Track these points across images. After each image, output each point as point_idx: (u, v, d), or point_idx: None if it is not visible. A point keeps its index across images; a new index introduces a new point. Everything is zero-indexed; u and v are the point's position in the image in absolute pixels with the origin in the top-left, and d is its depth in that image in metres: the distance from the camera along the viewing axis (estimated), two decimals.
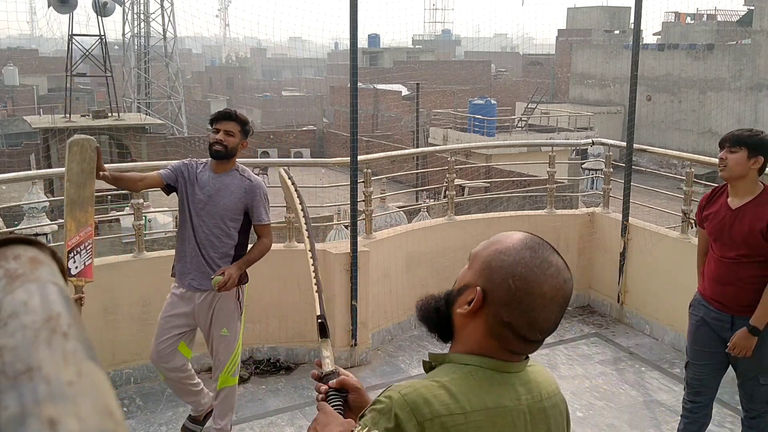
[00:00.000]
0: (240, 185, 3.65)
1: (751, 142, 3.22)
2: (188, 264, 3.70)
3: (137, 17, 35.30)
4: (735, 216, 3.27)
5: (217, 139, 3.60)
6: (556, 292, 1.29)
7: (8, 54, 51.59)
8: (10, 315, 0.50)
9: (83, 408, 0.42)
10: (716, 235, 3.35)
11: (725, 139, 3.29)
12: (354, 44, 4.63)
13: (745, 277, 3.27)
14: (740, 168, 3.22)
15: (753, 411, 3.45)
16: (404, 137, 32.14)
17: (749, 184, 3.26)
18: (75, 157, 3.19)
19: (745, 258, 3.25)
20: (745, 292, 3.28)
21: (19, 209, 6.95)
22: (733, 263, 3.29)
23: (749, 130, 3.33)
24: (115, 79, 25.72)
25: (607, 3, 47.59)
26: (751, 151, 3.21)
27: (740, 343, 3.26)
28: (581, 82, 38.16)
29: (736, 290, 3.30)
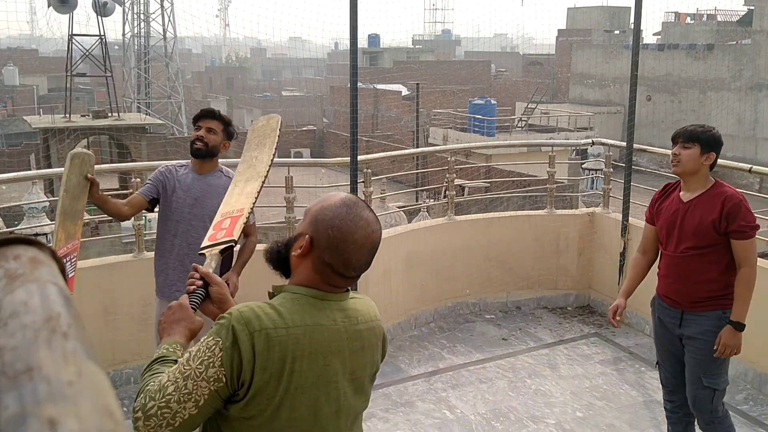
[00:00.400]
0: (226, 186, 3.61)
1: (704, 138, 3.26)
2: (171, 275, 3.63)
3: (137, 17, 35.29)
4: (687, 208, 3.29)
5: (198, 135, 3.56)
6: (366, 240, 1.66)
7: (8, 54, 51.59)
8: (10, 315, 0.50)
9: (83, 408, 0.42)
10: (668, 229, 3.37)
11: (678, 134, 3.34)
12: (354, 44, 4.63)
13: (694, 271, 3.27)
14: (693, 163, 3.26)
15: (700, 419, 3.41)
16: (404, 137, 32.14)
17: (701, 179, 3.30)
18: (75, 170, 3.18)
19: (693, 250, 3.26)
20: (693, 287, 3.28)
21: (19, 209, 6.95)
22: (682, 258, 3.30)
23: (701, 126, 3.37)
24: (115, 79, 25.70)
25: (607, 3, 47.59)
26: (703, 147, 3.26)
27: (729, 343, 3.24)
28: (581, 82, 38.16)
29: (685, 285, 3.31)
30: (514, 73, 53.65)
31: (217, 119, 3.62)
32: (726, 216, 3.18)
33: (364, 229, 1.66)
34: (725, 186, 3.29)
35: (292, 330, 1.59)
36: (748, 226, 3.20)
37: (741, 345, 3.27)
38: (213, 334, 1.59)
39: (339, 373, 1.67)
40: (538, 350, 5.40)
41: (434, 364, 5.14)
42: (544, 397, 4.66)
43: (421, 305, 5.76)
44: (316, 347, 1.62)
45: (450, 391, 4.72)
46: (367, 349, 1.73)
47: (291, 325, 1.60)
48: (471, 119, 28.65)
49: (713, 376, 3.32)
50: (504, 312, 6.09)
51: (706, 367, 3.31)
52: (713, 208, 3.21)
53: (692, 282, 3.28)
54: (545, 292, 6.19)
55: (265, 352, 1.56)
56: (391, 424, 4.31)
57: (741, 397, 4.69)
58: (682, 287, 3.32)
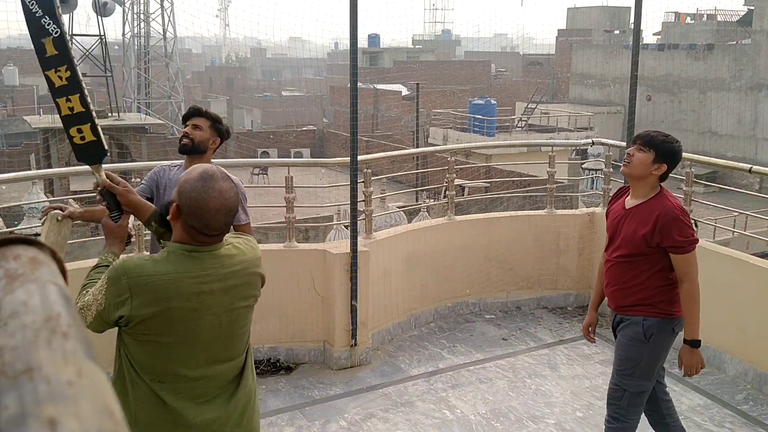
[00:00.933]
0: None
1: (661, 147, 3.19)
2: None
3: (137, 17, 35.29)
4: (626, 216, 3.26)
5: (184, 131, 3.56)
6: (220, 207, 2.04)
7: (8, 54, 51.59)
8: (10, 315, 0.50)
9: (83, 408, 0.42)
10: (610, 233, 3.38)
11: (639, 136, 3.28)
12: (354, 44, 4.63)
13: (624, 276, 3.27)
14: (642, 168, 3.20)
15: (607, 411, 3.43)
16: (404, 137, 32.14)
17: (647, 187, 3.23)
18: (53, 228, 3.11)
19: (624, 258, 3.26)
20: (622, 292, 3.29)
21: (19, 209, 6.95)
22: (615, 263, 3.31)
23: (665, 135, 3.28)
24: (115, 79, 25.70)
25: (607, 3, 47.58)
26: (658, 156, 3.18)
27: (689, 363, 3.24)
28: (581, 82, 38.15)
29: (616, 289, 3.33)
30: (514, 73, 53.65)
31: (204, 116, 3.61)
32: (659, 231, 3.12)
33: (217, 198, 2.03)
34: (667, 198, 3.20)
35: (164, 277, 2.03)
36: (685, 241, 3.13)
37: (703, 360, 3.25)
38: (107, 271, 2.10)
39: (214, 306, 2.09)
40: (538, 350, 5.40)
41: (434, 364, 5.14)
42: (544, 397, 4.66)
43: (421, 305, 5.76)
44: (188, 289, 2.05)
45: (450, 391, 4.72)
46: (242, 286, 2.15)
47: (163, 272, 2.03)
48: (471, 119, 28.65)
49: (624, 376, 3.33)
50: (504, 312, 6.09)
51: (619, 365, 3.35)
52: (648, 221, 3.16)
53: (622, 287, 3.29)
54: (545, 292, 6.19)
55: (140, 294, 2.02)
56: (391, 424, 4.31)
57: (741, 397, 4.69)
58: (614, 291, 3.34)
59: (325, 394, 4.69)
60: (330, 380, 4.87)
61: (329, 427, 4.28)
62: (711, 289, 5.18)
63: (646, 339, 3.24)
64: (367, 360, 5.11)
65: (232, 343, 2.18)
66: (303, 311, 5.09)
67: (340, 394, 4.69)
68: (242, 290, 2.15)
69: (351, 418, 4.37)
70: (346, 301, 4.96)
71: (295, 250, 5.11)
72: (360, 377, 4.93)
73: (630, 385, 3.30)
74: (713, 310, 5.14)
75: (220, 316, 2.10)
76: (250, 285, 2.19)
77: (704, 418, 4.40)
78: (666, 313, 3.23)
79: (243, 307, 2.17)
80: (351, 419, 4.35)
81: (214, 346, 2.13)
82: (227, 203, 2.05)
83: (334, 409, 4.49)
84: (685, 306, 3.18)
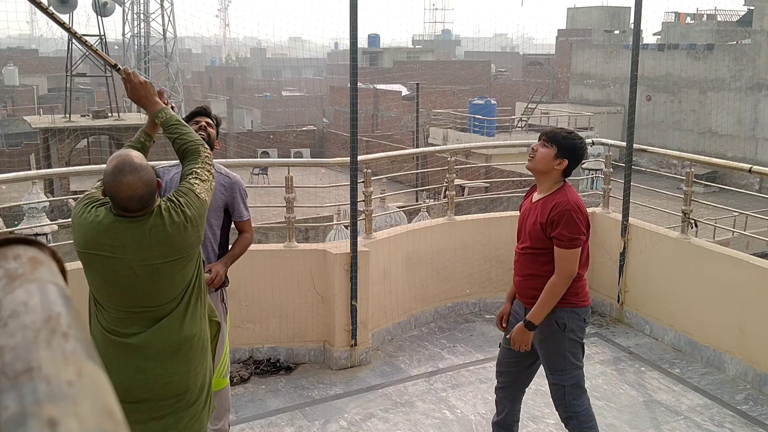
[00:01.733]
0: (219, 182, 3.63)
1: (563, 143, 3.33)
2: None
3: (137, 17, 35.29)
4: (532, 209, 3.41)
5: (202, 125, 3.58)
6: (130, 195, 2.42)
7: (8, 54, 51.56)
8: (10, 315, 0.50)
9: (83, 408, 0.42)
10: (519, 227, 3.52)
11: (545, 132, 3.44)
12: (354, 44, 4.63)
13: (528, 269, 3.41)
14: (544, 163, 3.33)
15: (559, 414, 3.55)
16: (404, 137, 32.13)
17: (550, 182, 3.36)
18: None
19: (529, 250, 3.39)
20: (530, 284, 3.40)
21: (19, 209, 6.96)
22: (521, 255, 3.46)
23: (569, 132, 3.42)
24: (115, 79, 25.67)
25: (607, 3, 47.58)
26: (560, 151, 3.31)
27: (516, 338, 3.38)
28: (581, 82, 38.14)
29: (524, 282, 3.44)
30: (514, 73, 53.63)
31: (211, 117, 3.66)
32: (551, 222, 3.26)
33: (125, 191, 2.41)
34: (566, 194, 3.32)
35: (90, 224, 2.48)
36: (567, 236, 3.24)
37: (529, 341, 3.38)
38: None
39: (126, 259, 2.47)
40: None
41: (434, 364, 5.13)
42: (544, 397, 4.65)
43: (421, 305, 5.76)
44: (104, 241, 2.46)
45: (450, 391, 4.72)
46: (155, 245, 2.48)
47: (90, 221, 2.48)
48: (471, 119, 28.65)
49: (556, 372, 3.44)
50: None
51: (548, 363, 3.46)
52: (545, 212, 3.29)
53: (527, 279, 3.42)
54: None
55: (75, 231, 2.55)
56: (391, 424, 4.31)
57: (741, 397, 4.69)
58: (521, 281, 3.48)
59: (325, 394, 4.69)
60: (330, 380, 4.87)
61: (329, 427, 4.28)
62: (711, 289, 5.18)
63: (561, 329, 3.36)
64: (367, 360, 5.11)
65: (156, 290, 2.53)
66: (303, 311, 5.09)
67: (340, 394, 4.69)
68: (156, 249, 2.48)
69: (351, 418, 4.37)
70: (346, 301, 4.96)
71: (295, 250, 5.11)
72: (360, 377, 4.92)
73: (566, 380, 3.44)
74: (713, 310, 5.14)
75: (134, 269, 2.47)
76: (166, 245, 2.49)
77: (704, 418, 4.40)
78: (573, 303, 3.36)
79: (162, 263, 2.50)
80: (351, 419, 4.35)
81: (132, 290, 2.51)
82: (135, 193, 2.42)
83: (334, 409, 4.49)
84: (544, 292, 3.30)
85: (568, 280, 3.29)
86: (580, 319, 3.40)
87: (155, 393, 2.58)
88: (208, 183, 2.69)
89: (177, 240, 2.51)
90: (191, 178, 2.65)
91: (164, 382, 2.59)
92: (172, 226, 2.49)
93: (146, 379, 2.56)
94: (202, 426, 2.75)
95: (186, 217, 2.53)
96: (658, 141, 30.62)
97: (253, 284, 4.96)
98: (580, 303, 3.38)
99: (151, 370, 2.56)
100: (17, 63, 47.09)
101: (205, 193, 2.64)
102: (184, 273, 2.58)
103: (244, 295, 4.93)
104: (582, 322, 3.42)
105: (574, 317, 3.37)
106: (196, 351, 2.66)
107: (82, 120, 24.48)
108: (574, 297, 3.36)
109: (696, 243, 5.42)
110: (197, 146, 2.74)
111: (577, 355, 3.44)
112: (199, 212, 2.58)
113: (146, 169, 2.46)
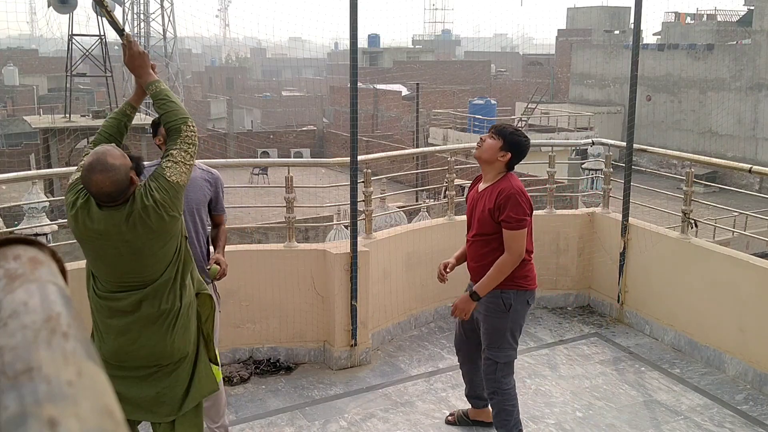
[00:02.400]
0: (202, 177, 3.67)
1: (508, 137, 3.64)
2: None
3: (137, 17, 35.30)
4: (478, 198, 3.70)
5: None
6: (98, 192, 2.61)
7: (8, 54, 51.54)
8: (10, 315, 0.50)
9: (83, 408, 0.42)
10: (468, 215, 3.82)
11: (494, 125, 3.77)
12: (354, 44, 4.63)
13: (480, 254, 3.69)
14: (489, 153, 3.64)
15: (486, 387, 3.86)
16: (404, 137, 32.14)
17: (494, 172, 3.66)
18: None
19: (479, 236, 3.68)
20: (479, 268, 3.69)
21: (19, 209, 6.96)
22: (472, 242, 3.74)
23: (515, 129, 3.77)
24: (115, 79, 25.70)
25: (607, 3, 47.58)
26: (505, 144, 3.63)
27: (459, 305, 3.68)
28: (581, 82, 38.14)
29: (479, 266, 3.71)
30: (514, 73, 53.63)
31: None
32: (498, 207, 3.55)
33: (94, 187, 2.60)
34: (510, 181, 3.62)
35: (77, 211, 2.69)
36: (514, 218, 3.53)
37: (469, 311, 3.68)
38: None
39: (111, 240, 2.68)
40: (538, 350, 5.40)
41: (434, 364, 5.13)
42: (544, 397, 4.66)
43: (421, 305, 5.76)
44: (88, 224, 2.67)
45: (450, 391, 4.72)
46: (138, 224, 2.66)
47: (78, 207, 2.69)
48: (471, 119, 28.65)
49: (493, 349, 3.74)
50: None
51: (487, 340, 3.76)
52: (492, 199, 3.59)
53: (478, 263, 3.71)
54: (545, 292, 6.19)
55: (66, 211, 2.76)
56: (391, 424, 4.31)
57: (741, 397, 4.69)
58: (474, 267, 3.76)
59: (325, 394, 4.69)
60: (330, 380, 4.87)
61: (329, 427, 4.28)
62: (711, 289, 5.18)
63: (506, 309, 3.65)
64: (367, 360, 5.11)
65: (140, 267, 2.75)
66: (303, 311, 5.09)
67: (340, 394, 4.69)
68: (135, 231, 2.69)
69: (351, 418, 4.37)
70: (346, 301, 4.96)
71: (295, 250, 5.11)
72: (360, 377, 4.92)
73: (500, 357, 3.74)
74: (713, 310, 5.14)
75: (119, 248, 2.70)
76: (144, 226, 2.68)
77: (704, 418, 4.40)
78: (521, 286, 3.65)
79: (143, 243, 2.71)
80: (351, 419, 4.35)
81: (119, 267, 2.75)
82: (102, 191, 2.62)
83: (334, 409, 4.49)
84: (493, 269, 3.58)
85: (517, 259, 3.57)
86: (524, 301, 3.69)
87: (138, 357, 2.82)
88: (183, 165, 2.81)
89: (152, 221, 2.69)
90: (164, 161, 2.81)
91: (147, 347, 2.80)
92: (144, 210, 2.68)
93: (131, 343, 2.79)
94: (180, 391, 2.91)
95: (155, 201, 2.69)
96: (658, 141, 30.62)
97: (253, 284, 4.96)
98: (528, 286, 3.67)
99: (135, 336, 2.79)
100: (17, 63, 47.07)
101: (177, 175, 2.77)
102: (166, 250, 2.78)
103: (244, 295, 4.93)
104: (526, 305, 3.71)
105: (520, 299, 3.66)
106: (181, 321, 2.85)
107: (82, 120, 24.47)
108: (522, 280, 3.64)
109: (696, 243, 5.42)
110: (179, 125, 2.87)
111: (515, 336, 3.75)
112: (170, 195, 2.73)
113: (117, 169, 2.61)
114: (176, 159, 2.80)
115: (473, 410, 4.27)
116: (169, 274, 2.80)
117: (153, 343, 2.81)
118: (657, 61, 33.20)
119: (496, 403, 3.81)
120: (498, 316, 3.66)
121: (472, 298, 3.64)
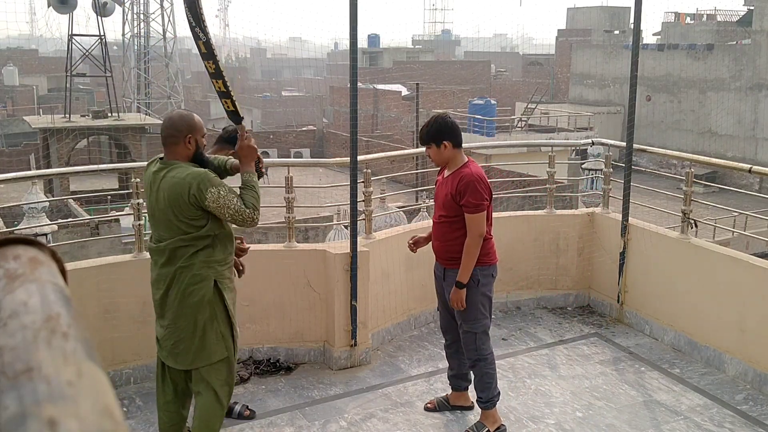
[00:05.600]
0: None
1: (434, 136, 3.92)
2: None
3: (137, 17, 35.29)
4: (443, 183, 4.00)
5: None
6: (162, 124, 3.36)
7: (8, 54, 51.54)
8: (10, 315, 0.50)
9: (83, 408, 0.42)
10: (435, 199, 4.13)
11: (420, 139, 4.07)
12: (354, 44, 4.62)
13: (445, 234, 4.00)
14: (440, 158, 3.98)
15: (468, 358, 4.14)
16: (404, 137, 32.13)
17: (453, 162, 3.97)
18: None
19: (444, 218, 3.98)
20: (446, 247, 4.01)
21: (19, 209, 6.96)
22: (438, 223, 4.05)
23: (426, 125, 3.99)
24: (115, 79, 25.71)
25: (607, 3, 47.59)
26: (437, 143, 3.92)
27: (453, 298, 3.97)
28: (581, 82, 38.14)
29: (442, 245, 4.05)
30: (514, 73, 53.62)
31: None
32: (458, 192, 3.86)
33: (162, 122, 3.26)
34: (469, 167, 3.92)
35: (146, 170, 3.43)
36: (473, 203, 3.83)
37: (464, 299, 3.94)
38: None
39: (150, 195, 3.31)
40: (538, 350, 5.40)
41: (434, 364, 5.13)
42: (544, 397, 4.66)
43: (421, 305, 5.76)
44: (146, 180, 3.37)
45: (450, 391, 4.71)
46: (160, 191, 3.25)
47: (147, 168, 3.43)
48: (471, 119, 28.63)
49: (470, 321, 4.04)
50: (504, 312, 6.09)
51: (462, 314, 4.04)
52: (454, 185, 3.89)
53: (444, 243, 4.02)
54: (545, 292, 6.19)
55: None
56: (391, 424, 4.31)
57: (741, 397, 4.69)
58: (439, 245, 4.08)
59: (325, 394, 4.69)
60: (330, 380, 4.87)
61: (329, 427, 4.28)
62: (711, 289, 5.18)
63: (475, 284, 3.95)
64: (367, 360, 5.11)
65: (159, 224, 3.32)
66: (303, 311, 5.08)
67: (340, 394, 4.69)
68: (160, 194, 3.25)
69: (351, 418, 4.37)
70: (345, 301, 4.96)
71: (295, 250, 5.11)
72: (360, 377, 4.92)
73: (477, 327, 4.04)
74: (713, 310, 5.14)
75: (152, 204, 3.30)
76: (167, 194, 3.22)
77: (704, 418, 4.40)
78: (484, 262, 3.96)
79: (163, 207, 3.25)
80: (351, 419, 4.35)
81: (152, 217, 3.36)
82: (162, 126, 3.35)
83: (334, 409, 4.49)
84: (463, 257, 3.90)
85: (479, 240, 3.87)
86: (489, 275, 4.02)
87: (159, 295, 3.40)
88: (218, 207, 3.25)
89: (174, 193, 3.21)
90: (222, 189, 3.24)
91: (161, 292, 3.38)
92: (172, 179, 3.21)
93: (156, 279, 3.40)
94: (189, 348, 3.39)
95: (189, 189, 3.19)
96: (657, 141, 30.63)
97: (253, 284, 4.96)
98: (489, 261, 4.01)
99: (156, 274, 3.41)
100: (17, 63, 47.06)
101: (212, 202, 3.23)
102: (178, 225, 3.26)
103: (244, 296, 4.93)
104: (491, 278, 4.04)
105: (485, 273, 3.99)
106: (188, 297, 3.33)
107: (82, 120, 24.47)
108: (485, 256, 3.96)
109: (696, 243, 5.42)
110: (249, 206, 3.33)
111: (486, 306, 4.05)
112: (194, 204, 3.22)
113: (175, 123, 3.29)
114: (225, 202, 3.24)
115: (454, 394, 4.46)
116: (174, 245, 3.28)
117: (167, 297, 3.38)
118: (657, 61, 33.20)
119: (479, 369, 4.10)
120: (469, 292, 3.96)
121: (459, 287, 3.93)
